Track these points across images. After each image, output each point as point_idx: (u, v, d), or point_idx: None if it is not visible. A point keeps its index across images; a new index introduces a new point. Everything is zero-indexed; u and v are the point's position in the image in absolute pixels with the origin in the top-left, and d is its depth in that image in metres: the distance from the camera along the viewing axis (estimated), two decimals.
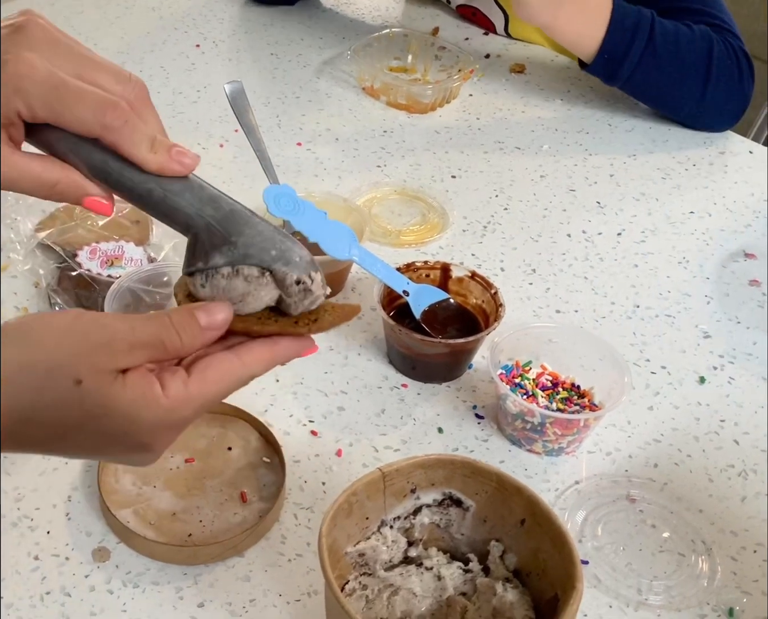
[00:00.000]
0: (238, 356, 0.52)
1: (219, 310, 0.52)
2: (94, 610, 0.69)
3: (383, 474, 0.65)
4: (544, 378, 0.88)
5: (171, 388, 0.50)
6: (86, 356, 0.48)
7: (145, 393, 0.49)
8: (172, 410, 0.50)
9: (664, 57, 1.25)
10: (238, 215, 0.54)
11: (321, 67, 1.40)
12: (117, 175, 0.53)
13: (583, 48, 1.27)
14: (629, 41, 1.24)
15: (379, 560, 0.66)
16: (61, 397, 0.48)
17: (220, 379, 0.52)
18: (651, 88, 1.29)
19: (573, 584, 0.60)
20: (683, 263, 1.09)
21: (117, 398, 0.49)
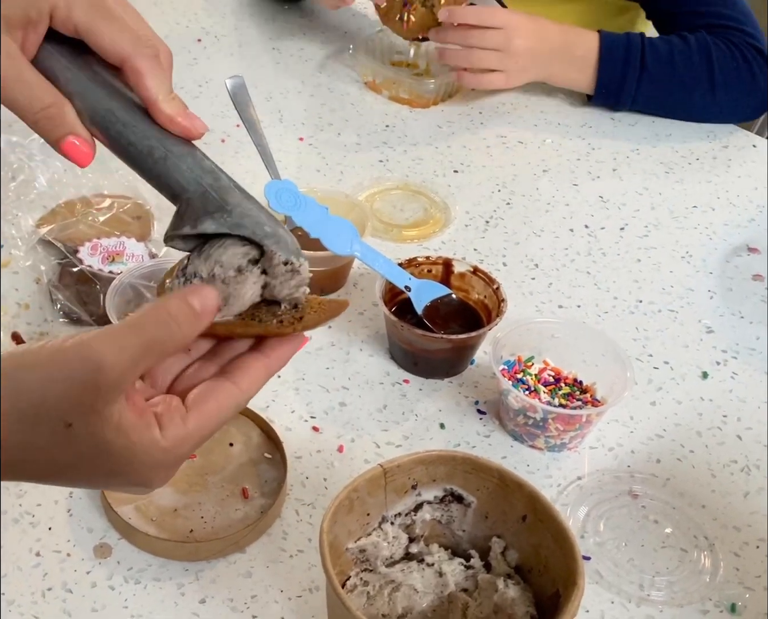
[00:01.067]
0: (235, 383, 0.50)
1: (208, 292, 0.48)
2: (95, 606, 0.69)
3: (384, 470, 0.65)
4: (547, 373, 0.87)
5: (170, 429, 0.47)
6: (73, 398, 0.44)
7: (141, 438, 0.46)
8: (171, 451, 0.48)
9: (662, 77, 1.28)
10: (237, 190, 0.52)
11: (323, 61, 1.40)
12: (120, 125, 0.51)
13: (581, 88, 1.33)
14: (621, 73, 1.27)
15: (380, 556, 0.66)
16: (52, 441, 0.45)
17: (218, 411, 0.49)
18: (658, 107, 1.32)
19: (574, 580, 0.60)
20: (686, 258, 1.09)
21: (110, 442, 0.46)
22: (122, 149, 0.52)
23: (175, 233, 0.52)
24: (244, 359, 0.51)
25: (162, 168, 0.52)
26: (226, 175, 0.53)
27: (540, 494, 0.65)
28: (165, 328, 0.46)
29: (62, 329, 0.90)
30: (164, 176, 0.52)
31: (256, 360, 0.51)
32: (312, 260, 0.95)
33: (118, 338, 0.45)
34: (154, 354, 0.46)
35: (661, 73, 1.27)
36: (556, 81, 1.32)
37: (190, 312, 0.47)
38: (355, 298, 0.99)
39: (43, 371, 0.44)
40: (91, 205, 0.99)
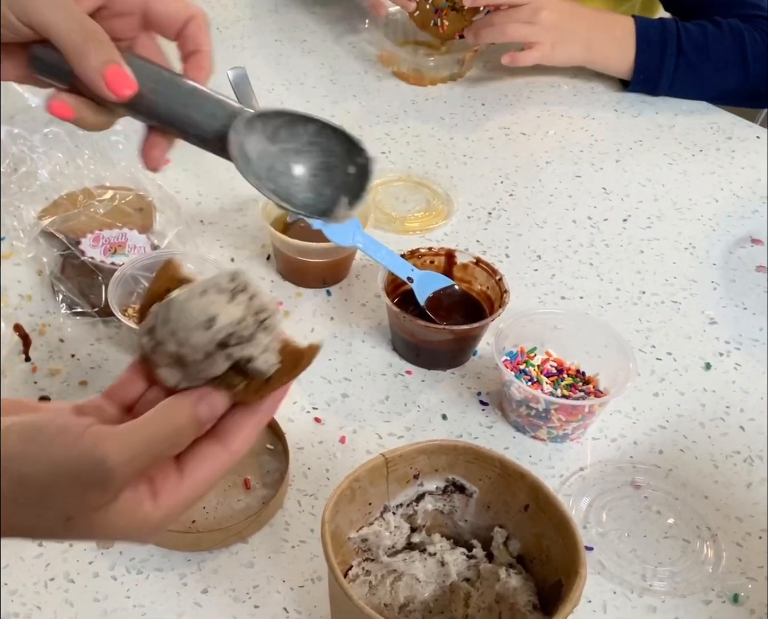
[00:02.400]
0: (226, 446, 0.50)
1: (219, 402, 0.49)
2: (97, 596, 0.69)
3: (386, 460, 0.65)
4: (549, 364, 0.87)
5: (162, 496, 0.48)
6: (79, 496, 0.45)
7: (135, 518, 0.47)
8: (163, 520, 0.48)
9: (698, 61, 1.29)
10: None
11: (325, 53, 1.39)
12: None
13: (619, 70, 1.33)
14: (660, 55, 1.29)
15: (382, 545, 0.66)
16: (51, 527, 0.46)
17: (210, 475, 0.49)
18: (695, 91, 1.33)
19: (576, 569, 0.60)
20: (689, 249, 1.09)
21: (106, 526, 0.47)
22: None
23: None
24: (235, 419, 0.50)
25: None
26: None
27: (542, 484, 0.65)
28: (172, 442, 0.48)
29: (65, 320, 0.90)
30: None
31: (246, 420, 0.50)
32: (314, 252, 0.96)
33: (130, 446, 0.46)
34: (158, 461, 0.48)
35: (696, 57, 1.28)
36: (597, 61, 1.32)
37: (195, 426, 0.48)
38: (358, 290, 0.99)
39: (52, 465, 0.45)
40: (93, 196, 0.99)
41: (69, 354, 0.88)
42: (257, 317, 0.49)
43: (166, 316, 0.49)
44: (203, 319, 0.48)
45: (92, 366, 0.87)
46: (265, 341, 0.49)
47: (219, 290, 0.48)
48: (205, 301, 0.48)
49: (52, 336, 0.89)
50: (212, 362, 0.48)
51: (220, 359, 0.48)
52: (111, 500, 0.46)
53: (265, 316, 0.49)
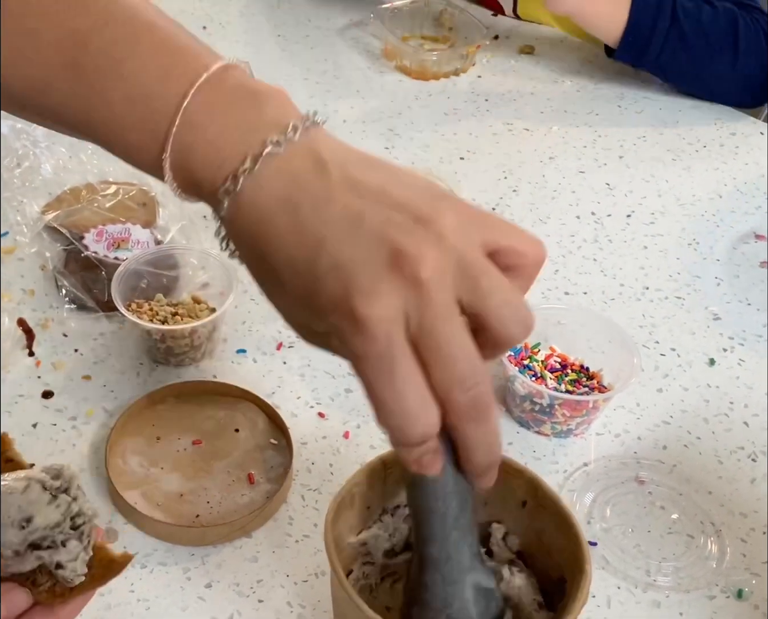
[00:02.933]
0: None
1: (20, 599, 0.49)
2: (101, 590, 0.68)
3: (384, 462, 0.64)
4: (553, 360, 0.87)
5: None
6: None
7: None
8: None
9: (690, 34, 1.25)
10: None
11: (328, 48, 1.39)
12: None
13: (609, 31, 1.28)
14: (653, 20, 1.25)
15: (381, 548, 0.65)
16: None
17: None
18: (679, 68, 1.29)
19: (581, 566, 0.59)
20: (693, 245, 1.09)
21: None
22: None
23: None
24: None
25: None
26: None
27: (541, 480, 0.64)
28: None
29: (67, 315, 0.90)
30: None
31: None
32: None
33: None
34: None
35: (689, 27, 1.25)
36: (588, 16, 1.27)
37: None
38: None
39: None
40: (97, 191, 0.99)
41: (72, 349, 0.88)
42: (74, 522, 0.49)
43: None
44: (19, 517, 0.48)
45: (96, 361, 0.87)
46: (77, 549, 0.49)
47: (42, 488, 0.49)
48: (25, 499, 0.48)
49: (55, 331, 0.89)
50: (21, 560, 0.49)
51: (30, 558, 0.49)
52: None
53: (82, 521, 0.50)
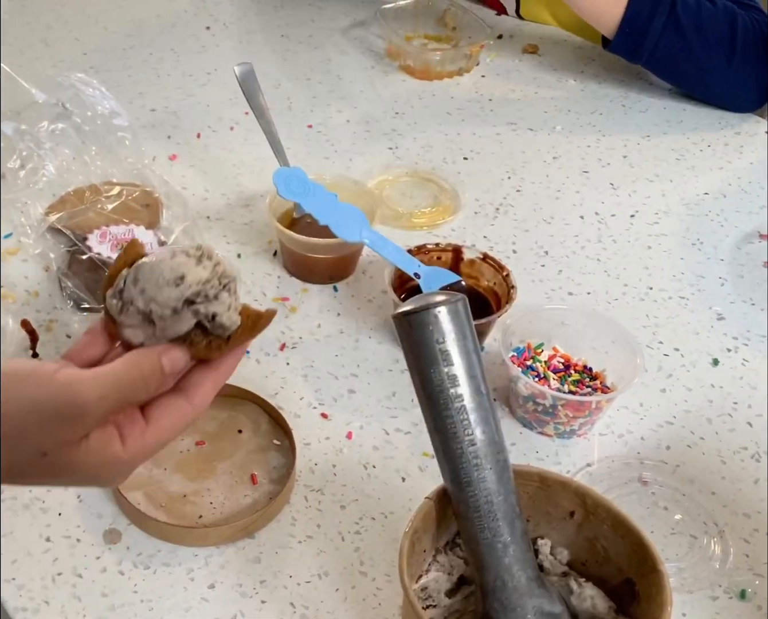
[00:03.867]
0: (189, 400, 0.53)
1: (180, 356, 0.53)
2: (105, 591, 0.69)
3: (434, 502, 0.62)
4: (556, 360, 0.87)
5: (129, 441, 0.51)
6: (53, 431, 0.48)
7: (106, 456, 0.51)
8: (130, 462, 0.52)
9: (687, 29, 1.24)
10: None
11: (332, 48, 1.39)
12: None
13: (605, 21, 1.26)
14: (650, 12, 1.23)
15: (443, 589, 0.64)
16: (26, 463, 0.49)
17: (173, 425, 0.53)
18: (675, 64, 1.28)
19: (652, 566, 0.60)
20: (697, 245, 1.08)
21: (80, 463, 0.50)
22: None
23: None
24: (197, 376, 0.54)
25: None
26: None
27: (589, 488, 0.64)
28: (138, 386, 0.51)
29: (71, 316, 0.90)
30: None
31: (207, 376, 0.54)
32: (321, 248, 0.96)
33: (100, 387, 0.49)
34: (125, 404, 0.51)
35: (687, 23, 1.23)
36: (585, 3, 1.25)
37: (159, 374, 0.52)
38: (364, 286, 0.99)
39: (27, 401, 0.48)
40: (100, 192, 0.99)
41: None
42: (221, 280, 0.53)
43: (136, 276, 0.52)
44: (173, 277, 0.52)
45: None
46: (228, 300, 0.53)
47: (187, 255, 0.53)
48: (174, 263, 0.52)
49: (59, 332, 0.90)
50: (179, 319, 0.52)
51: (187, 315, 0.52)
52: (83, 437, 0.49)
53: (228, 280, 0.53)
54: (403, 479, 0.79)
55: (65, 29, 1.39)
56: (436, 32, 1.41)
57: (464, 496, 0.59)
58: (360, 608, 0.69)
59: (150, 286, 0.52)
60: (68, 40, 1.37)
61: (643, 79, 1.36)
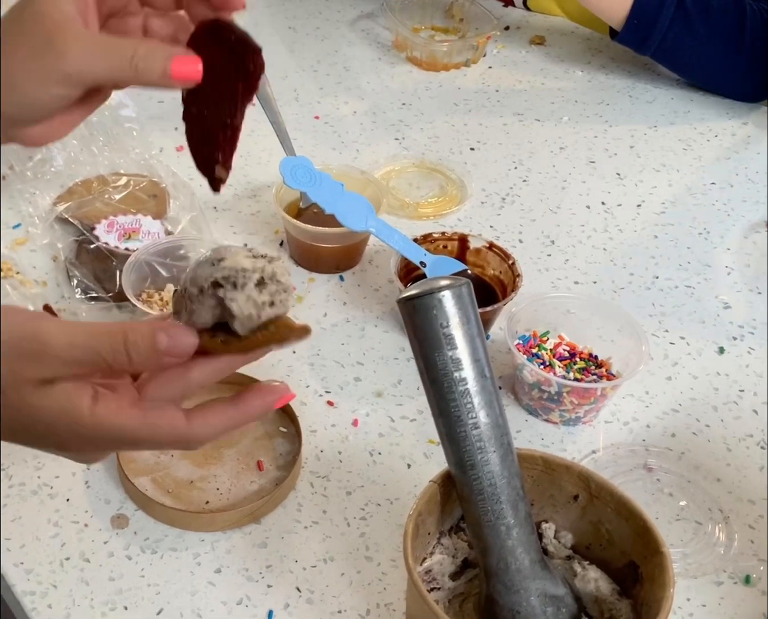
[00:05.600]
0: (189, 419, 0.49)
1: (183, 335, 0.48)
2: (112, 575, 0.70)
3: (438, 485, 0.63)
4: (562, 348, 0.87)
5: (100, 406, 0.47)
6: (12, 363, 0.46)
7: (66, 408, 0.47)
8: (94, 428, 0.48)
9: (696, 21, 1.23)
10: None
11: (339, 40, 1.40)
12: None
13: (613, 13, 1.25)
14: (659, 3, 1.22)
15: (447, 572, 0.65)
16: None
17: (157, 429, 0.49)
18: (683, 56, 1.28)
19: (655, 548, 0.60)
20: (704, 234, 1.08)
21: (38, 408, 0.47)
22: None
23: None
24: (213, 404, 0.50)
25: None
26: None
27: (592, 472, 0.64)
28: (117, 349, 0.47)
29: (79, 305, 0.91)
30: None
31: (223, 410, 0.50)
32: (327, 237, 0.96)
33: (71, 335, 0.46)
34: (99, 361, 0.47)
35: (695, 14, 1.23)
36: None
37: (148, 348, 0.47)
38: (371, 275, 0.99)
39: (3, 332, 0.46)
40: (108, 183, 1.00)
41: None
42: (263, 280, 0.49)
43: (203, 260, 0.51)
44: (214, 257, 0.49)
45: None
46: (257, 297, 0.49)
47: (247, 251, 0.50)
48: (225, 250, 0.50)
49: None
50: (202, 302, 0.49)
51: (209, 301, 0.49)
52: (45, 381, 0.46)
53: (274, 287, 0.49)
54: (408, 465, 0.80)
55: None
56: (443, 24, 1.41)
57: (468, 479, 0.59)
58: (365, 592, 0.70)
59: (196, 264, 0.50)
60: None
61: (650, 69, 1.36)
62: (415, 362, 0.60)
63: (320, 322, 0.93)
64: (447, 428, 0.60)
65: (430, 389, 0.60)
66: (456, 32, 1.40)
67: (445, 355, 0.58)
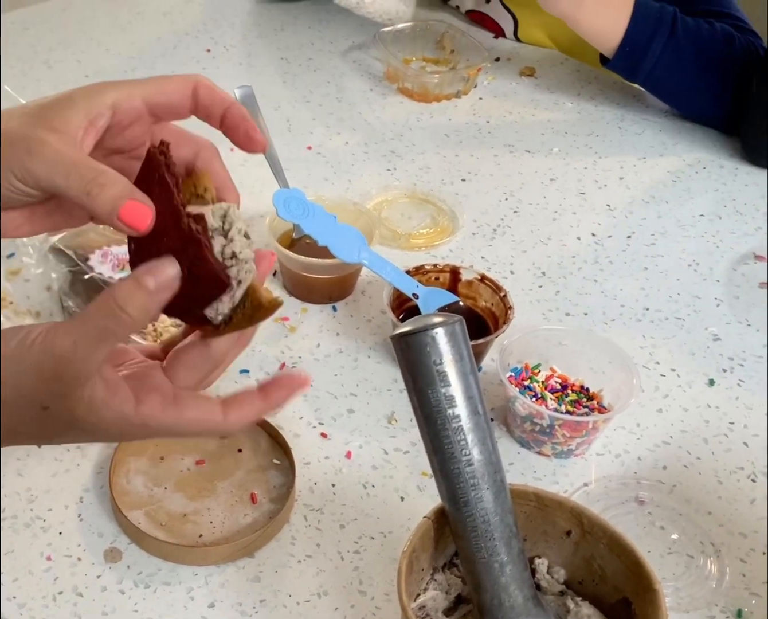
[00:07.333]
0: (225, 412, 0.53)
1: (164, 266, 0.49)
2: (105, 610, 0.70)
3: (431, 521, 0.63)
4: (554, 380, 0.88)
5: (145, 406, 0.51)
6: (43, 387, 0.49)
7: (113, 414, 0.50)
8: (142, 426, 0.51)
9: (686, 52, 1.25)
10: None
11: (331, 71, 1.41)
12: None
13: (605, 40, 1.27)
14: (651, 33, 1.24)
15: (440, 608, 0.65)
16: (34, 420, 0.51)
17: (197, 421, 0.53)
18: (673, 85, 1.29)
19: (647, 585, 0.60)
20: (693, 266, 1.09)
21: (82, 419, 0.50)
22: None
23: None
24: (245, 396, 0.54)
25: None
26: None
27: (584, 508, 0.64)
28: (112, 317, 0.48)
29: None
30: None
31: (253, 401, 0.54)
32: (320, 268, 0.97)
33: (72, 333, 0.48)
34: (108, 341, 0.49)
35: (686, 45, 1.25)
36: (584, 22, 1.24)
37: (140, 295, 0.48)
38: (363, 306, 0.99)
39: (14, 365, 0.49)
40: None
41: None
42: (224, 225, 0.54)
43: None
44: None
45: None
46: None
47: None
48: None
49: None
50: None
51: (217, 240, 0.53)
52: (76, 386, 0.49)
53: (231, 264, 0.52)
54: (402, 498, 0.80)
55: (67, 51, 1.40)
56: (434, 55, 1.43)
57: (461, 516, 0.60)
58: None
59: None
60: (70, 62, 1.38)
61: (639, 101, 1.38)
62: (408, 396, 0.61)
63: (313, 352, 0.93)
64: (441, 464, 0.60)
65: (424, 425, 0.60)
66: (447, 64, 1.41)
67: (439, 392, 0.58)
